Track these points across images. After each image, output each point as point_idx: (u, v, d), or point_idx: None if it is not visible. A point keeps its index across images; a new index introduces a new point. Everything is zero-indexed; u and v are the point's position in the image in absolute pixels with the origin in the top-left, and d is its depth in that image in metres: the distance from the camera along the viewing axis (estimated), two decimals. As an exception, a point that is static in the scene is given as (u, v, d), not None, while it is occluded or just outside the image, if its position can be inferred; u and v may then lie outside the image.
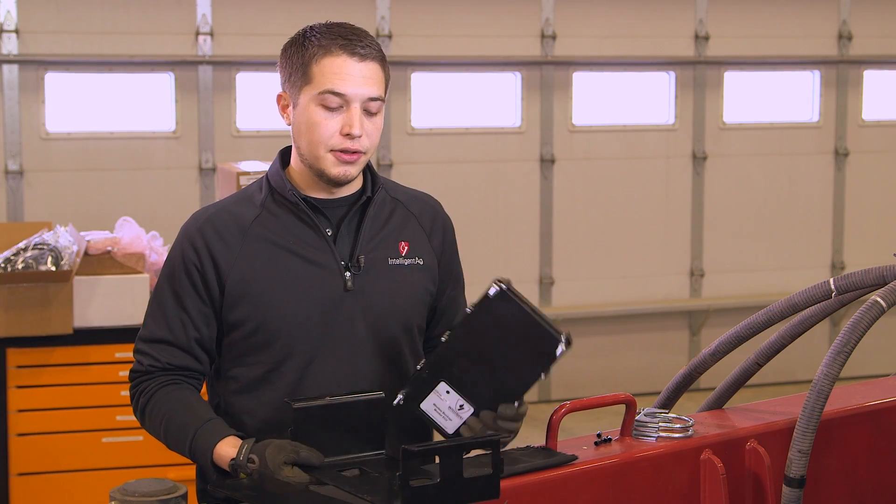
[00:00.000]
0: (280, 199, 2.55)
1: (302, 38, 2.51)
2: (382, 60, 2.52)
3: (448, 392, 2.38)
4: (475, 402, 2.39)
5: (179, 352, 2.53)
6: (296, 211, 2.54)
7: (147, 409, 2.53)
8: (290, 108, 2.53)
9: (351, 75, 2.46)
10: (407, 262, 2.59)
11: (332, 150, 2.48)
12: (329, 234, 2.54)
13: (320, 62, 2.47)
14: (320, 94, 2.46)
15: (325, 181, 2.53)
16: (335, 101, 2.46)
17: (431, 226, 2.66)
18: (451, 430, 2.41)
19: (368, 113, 2.49)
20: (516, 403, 2.35)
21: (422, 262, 2.61)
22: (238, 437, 2.42)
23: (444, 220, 2.70)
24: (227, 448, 2.39)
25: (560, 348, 2.30)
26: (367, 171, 2.60)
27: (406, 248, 2.60)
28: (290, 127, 2.56)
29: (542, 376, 2.34)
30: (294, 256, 2.52)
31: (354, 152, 2.48)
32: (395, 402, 2.39)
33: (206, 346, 2.55)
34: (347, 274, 2.52)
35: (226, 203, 2.60)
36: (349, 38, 2.48)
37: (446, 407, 2.39)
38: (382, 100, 2.52)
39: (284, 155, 2.62)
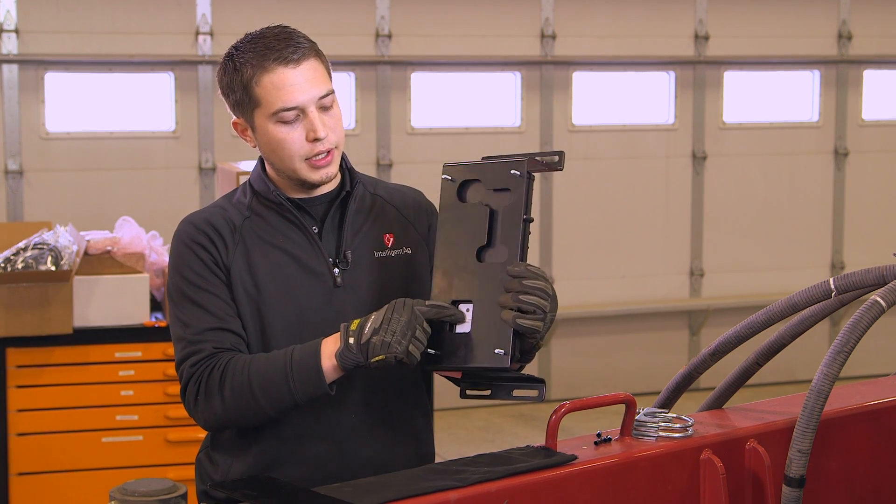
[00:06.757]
0: (265, 202, 2.57)
1: (232, 62, 2.50)
2: (316, 52, 2.51)
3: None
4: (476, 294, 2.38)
5: (235, 336, 2.49)
6: (280, 211, 2.55)
7: (226, 373, 2.43)
8: (250, 131, 2.54)
9: (295, 85, 2.45)
10: (394, 253, 2.60)
11: (306, 160, 2.49)
12: (315, 231, 2.55)
13: (260, 82, 2.46)
14: (274, 114, 2.46)
15: (308, 187, 2.55)
16: (291, 115, 2.46)
17: (414, 214, 2.67)
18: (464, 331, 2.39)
19: (324, 108, 2.49)
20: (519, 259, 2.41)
21: (410, 252, 2.62)
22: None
23: (427, 205, 2.71)
24: (331, 343, 2.38)
25: (524, 169, 2.35)
26: (344, 167, 2.61)
27: (391, 239, 2.61)
28: (255, 148, 2.57)
29: (526, 217, 2.37)
30: (285, 255, 2.53)
31: (327, 153, 2.49)
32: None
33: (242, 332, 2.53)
34: (336, 270, 2.54)
35: (216, 205, 2.62)
36: (277, 49, 2.46)
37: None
38: (332, 91, 2.51)
39: (264, 160, 2.63)
